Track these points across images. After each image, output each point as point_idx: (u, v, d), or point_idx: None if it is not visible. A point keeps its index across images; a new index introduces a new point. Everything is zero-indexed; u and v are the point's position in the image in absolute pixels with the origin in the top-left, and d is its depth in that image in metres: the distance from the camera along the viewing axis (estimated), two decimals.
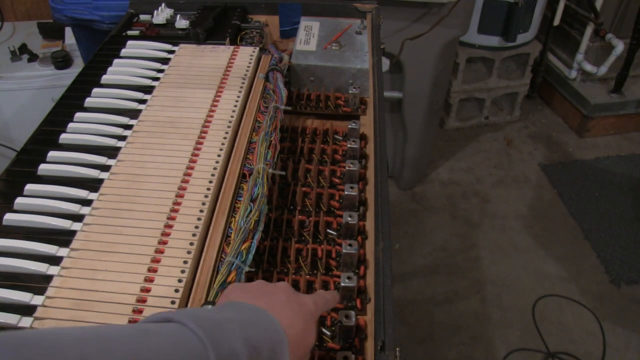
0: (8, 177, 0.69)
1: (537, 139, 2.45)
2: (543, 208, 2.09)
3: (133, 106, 0.79)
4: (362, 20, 1.03)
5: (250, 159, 0.71)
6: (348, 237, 0.65)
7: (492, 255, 1.90)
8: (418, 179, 2.20)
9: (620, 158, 2.33)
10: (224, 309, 0.41)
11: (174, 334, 0.35)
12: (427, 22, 1.59)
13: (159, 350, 0.33)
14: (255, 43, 0.97)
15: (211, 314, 0.39)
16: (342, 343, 0.54)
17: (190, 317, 0.37)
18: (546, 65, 2.47)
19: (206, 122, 0.75)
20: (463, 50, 2.23)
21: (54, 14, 1.35)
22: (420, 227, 2.02)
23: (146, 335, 0.34)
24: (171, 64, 0.88)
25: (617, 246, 1.92)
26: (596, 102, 2.34)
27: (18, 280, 0.55)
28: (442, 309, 1.72)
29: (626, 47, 2.21)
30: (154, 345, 0.33)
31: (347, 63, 0.90)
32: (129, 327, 0.36)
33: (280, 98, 0.81)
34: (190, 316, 0.37)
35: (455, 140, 2.45)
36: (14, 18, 2.03)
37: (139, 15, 1.07)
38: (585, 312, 1.71)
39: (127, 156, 0.70)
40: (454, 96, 2.36)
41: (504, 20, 2.13)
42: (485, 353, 1.59)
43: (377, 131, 0.80)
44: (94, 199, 0.64)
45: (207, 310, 0.40)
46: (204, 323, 0.36)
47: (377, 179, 0.72)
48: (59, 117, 0.77)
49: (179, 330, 0.36)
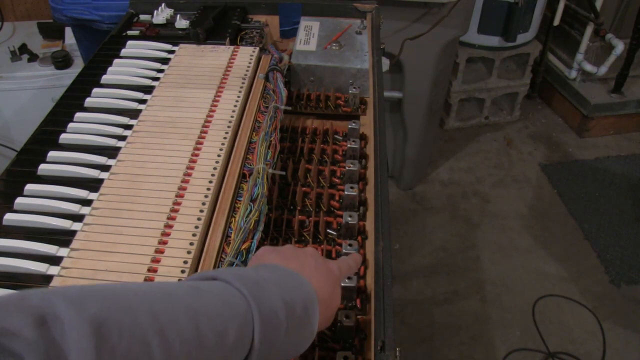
0: (8, 177, 0.69)
1: (537, 139, 2.45)
2: (543, 208, 2.09)
3: (133, 106, 0.79)
4: (362, 20, 1.03)
5: (250, 159, 0.71)
6: (348, 237, 0.65)
7: (492, 255, 1.90)
8: (418, 179, 2.20)
9: (620, 158, 2.33)
10: (260, 269, 0.44)
11: (222, 292, 0.38)
12: (427, 22, 1.59)
13: (212, 306, 0.36)
14: (255, 43, 0.97)
15: (251, 273, 0.42)
16: (342, 343, 0.54)
17: (234, 276, 0.40)
18: (546, 65, 2.47)
19: (206, 122, 0.75)
20: (463, 50, 2.23)
21: (54, 14, 1.35)
22: (420, 227, 2.02)
23: (199, 292, 0.37)
24: (171, 64, 0.88)
25: (617, 246, 1.92)
26: (596, 102, 2.34)
27: (18, 280, 0.55)
28: (442, 309, 1.72)
29: (626, 47, 2.21)
30: (207, 302, 0.36)
31: (347, 63, 0.90)
32: (183, 284, 0.39)
33: (280, 98, 0.81)
34: (234, 275, 0.40)
35: (455, 140, 2.45)
36: (14, 18, 2.03)
37: (139, 15, 1.07)
38: (585, 312, 1.71)
39: (127, 156, 0.70)
40: (454, 96, 2.36)
41: (504, 20, 2.13)
42: (485, 353, 1.59)
43: (377, 131, 0.80)
44: (94, 199, 0.64)
45: (247, 270, 0.43)
46: (246, 282, 0.39)
47: (377, 179, 0.72)
48: (59, 117, 0.77)
49: (225, 288, 0.39)
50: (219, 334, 0.35)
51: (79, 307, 0.29)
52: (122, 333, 0.29)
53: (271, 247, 0.51)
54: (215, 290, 0.38)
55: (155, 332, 0.31)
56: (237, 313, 0.37)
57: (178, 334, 0.32)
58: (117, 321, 0.30)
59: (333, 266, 0.50)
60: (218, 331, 0.35)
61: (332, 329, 0.56)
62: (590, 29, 2.23)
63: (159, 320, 0.32)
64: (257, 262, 0.49)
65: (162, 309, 0.33)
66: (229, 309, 0.37)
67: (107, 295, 0.32)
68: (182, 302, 0.35)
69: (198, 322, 0.34)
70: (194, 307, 0.35)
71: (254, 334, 0.37)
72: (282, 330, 0.39)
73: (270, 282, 0.41)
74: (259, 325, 0.37)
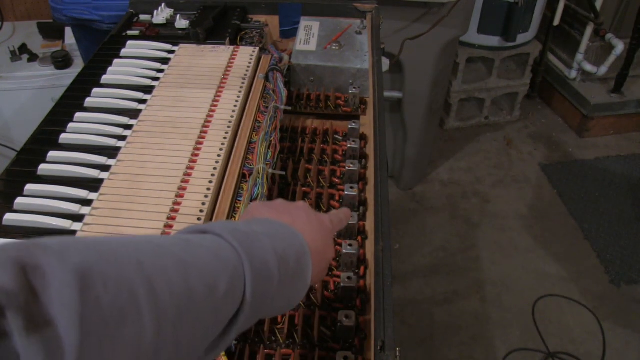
0: (8, 177, 0.69)
1: (537, 139, 2.45)
2: (543, 208, 2.09)
3: (133, 106, 0.79)
4: (362, 20, 1.03)
5: (250, 159, 0.71)
6: (348, 237, 0.65)
7: (492, 255, 1.90)
8: (418, 179, 2.20)
9: (620, 158, 2.33)
10: (252, 223, 0.43)
11: (213, 244, 0.37)
12: (427, 22, 1.59)
13: (201, 258, 0.35)
14: (255, 43, 0.97)
15: (243, 227, 0.41)
16: (342, 343, 0.54)
17: (226, 229, 0.39)
18: (546, 65, 2.47)
19: (206, 122, 0.75)
20: (463, 50, 2.23)
21: (54, 14, 1.35)
22: (420, 227, 2.02)
23: (188, 245, 0.36)
24: (171, 64, 0.88)
25: (617, 246, 1.92)
26: (596, 102, 2.34)
27: None
28: (442, 309, 1.72)
29: (626, 47, 2.21)
30: (196, 254, 0.35)
31: (347, 63, 0.90)
32: (173, 237, 0.38)
33: (280, 98, 0.81)
34: (226, 228, 0.39)
35: (455, 140, 2.45)
36: (14, 18, 2.03)
37: (139, 15, 1.07)
38: (585, 312, 1.71)
39: (127, 156, 0.70)
40: (454, 96, 2.36)
41: (504, 20, 2.13)
42: (485, 353, 1.59)
43: (377, 131, 0.80)
44: (94, 199, 0.64)
45: (238, 224, 0.42)
46: (237, 235, 0.38)
47: (377, 179, 0.72)
48: (59, 117, 0.77)
49: (216, 241, 0.38)
50: (209, 286, 0.34)
51: (60, 256, 0.27)
52: (107, 283, 0.28)
53: (262, 202, 0.51)
54: (206, 243, 0.37)
55: (142, 282, 0.30)
56: (227, 265, 0.36)
57: (166, 284, 0.31)
58: (102, 270, 0.28)
59: (325, 218, 0.50)
60: (208, 283, 0.34)
61: (332, 329, 0.56)
62: (590, 29, 2.23)
63: (146, 270, 0.31)
64: (248, 217, 0.48)
65: (149, 259, 0.32)
66: (220, 261, 0.36)
67: (91, 245, 0.30)
68: (171, 254, 0.34)
69: (187, 274, 0.33)
70: (183, 259, 0.34)
71: (246, 287, 0.36)
72: (274, 283, 0.39)
73: (262, 235, 0.40)
74: (250, 278, 0.37)
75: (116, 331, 0.27)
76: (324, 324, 0.56)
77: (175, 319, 0.31)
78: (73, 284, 0.26)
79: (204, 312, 0.33)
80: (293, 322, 0.57)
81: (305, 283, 0.43)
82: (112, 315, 0.27)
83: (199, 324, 0.33)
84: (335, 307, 0.58)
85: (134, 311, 0.28)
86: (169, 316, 0.30)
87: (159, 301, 0.30)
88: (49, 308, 0.25)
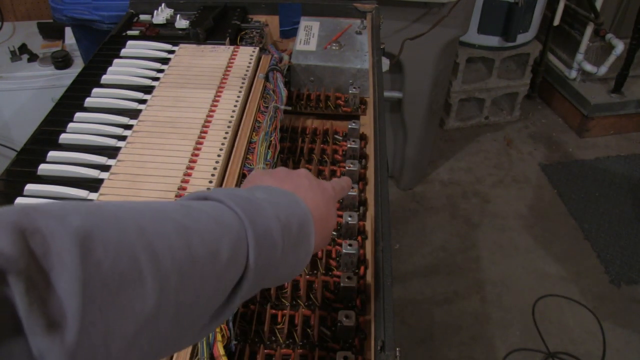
0: (8, 177, 0.69)
1: (537, 139, 2.45)
2: (543, 208, 2.09)
3: (133, 106, 0.79)
4: (362, 20, 1.03)
5: (250, 159, 0.71)
6: (348, 237, 0.65)
7: (492, 255, 1.90)
8: (418, 179, 2.20)
9: (620, 158, 2.33)
10: (254, 190, 0.43)
11: (214, 210, 0.37)
12: (427, 22, 1.59)
13: (203, 224, 0.34)
14: (255, 43, 0.97)
15: (244, 193, 0.40)
16: (342, 343, 0.54)
17: (227, 195, 0.38)
18: (546, 65, 2.47)
19: (206, 122, 0.75)
20: (463, 50, 2.23)
21: (54, 14, 1.35)
22: (420, 227, 2.02)
23: (190, 210, 0.35)
24: (171, 64, 0.88)
25: (617, 246, 1.92)
26: (596, 102, 2.34)
27: None
28: (442, 309, 1.72)
29: (626, 47, 2.21)
30: (198, 219, 0.34)
31: (347, 63, 0.90)
32: (174, 203, 0.37)
33: (280, 98, 0.81)
34: (227, 195, 0.38)
35: (455, 140, 2.45)
36: (14, 18, 2.03)
37: (139, 15, 1.07)
38: (585, 312, 1.71)
39: (127, 156, 0.70)
40: (454, 96, 2.36)
41: (504, 20, 2.14)
42: (485, 353, 1.60)
43: (377, 131, 0.80)
44: (94, 199, 0.64)
45: (240, 190, 0.42)
46: (239, 201, 0.38)
47: (377, 179, 0.72)
48: (59, 117, 0.77)
49: (218, 207, 0.37)
50: (211, 252, 0.33)
51: (60, 220, 0.27)
52: (108, 246, 0.27)
53: (264, 170, 0.50)
54: (207, 208, 0.36)
55: (144, 246, 0.29)
56: (230, 231, 0.35)
57: (168, 250, 0.30)
58: (103, 234, 0.28)
59: (327, 185, 0.49)
60: (210, 249, 0.33)
61: (332, 329, 0.56)
62: (590, 29, 2.23)
63: (147, 234, 0.30)
64: (250, 185, 0.47)
65: (150, 223, 0.31)
66: (222, 227, 0.35)
67: (92, 209, 0.29)
68: (172, 219, 0.33)
69: (189, 239, 0.32)
70: (185, 224, 0.33)
71: (249, 253, 0.36)
72: (277, 250, 0.38)
73: (264, 202, 0.40)
74: (253, 244, 0.36)
75: (117, 296, 0.27)
76: (324, 324, 0.56)
77: (177, 284, 0.30)
78: (73, 248, 0.26)
79: (207, 279, 0.33)
80: (293, 322, 0.57)
81: (309, 250, 0.43)
82: (114, 280, 0.27)
83: (201, 291, 0.33)
84: (335, 307, 0.58)
85: (135, 276, 0.28)
86: (171, 282, 0.30)
87: (160, 266, 0.30)
88: (50, 273, 0.25)
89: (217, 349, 0.50)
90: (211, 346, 0.50)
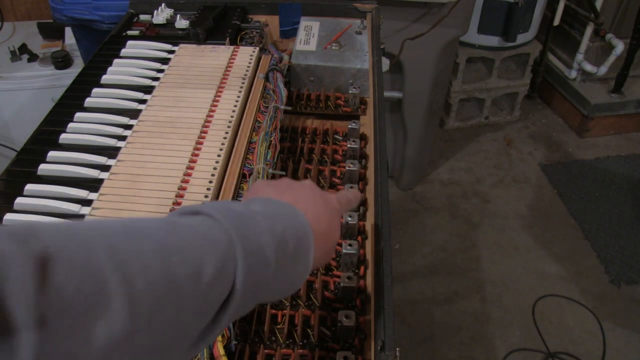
0: (8, 177, 0.69)
1: (537, 139, 2.45)
2: (543, 208, 2.09)
3: (133, 106, 0.79)
4: (362, 20, 1.03)
5: (250, 159, 0.71)
6: (348, 237, 0.65)
7: (492, 255, 1.90)
8: (418, 179, 2.20)
9: (620, 158, 2.33)
10: (251, 202, 0.41)
11: (202, 226, 0.35)
12: (427, 22, 1.59)
13: (186, 241, 0.33)
14: (255, 43, 0.97)
15: (238, 207, 0.39)
16: (342, 343, 0.54)
17: (217, 209, 0.36)
18: (546, 65, 2.47)
19: (206, 122, 0.75)
20: (463, 50, 2.23)
21: (54, 14, 1.35)
22: (420, 227, 2.02)
23: (175, 227, 0.34)
24: (171, 64, 0.88)
25: (617, 246, 1.92)
26: (596, 102, 2.34)
27: None
28: (442, 309, 1.72)
29: (626, 47, 2.21)
30: (180, 236, 0.33)
31: (347, 63, 0.90)
32: (158, 220, 0.35)
33: (280, 98, 0.81)
34: (218, 208, 0.37)
35: (455, 140, 2.45)
36: (14, 18, 2.03)
37: (139, 15, 1.07)
38: (585, 312, 1.71)
39: (127, 156, 0.70)
40: (454, 96, 2.36)
41: (504, 20, 2.14)
42: (485, 353, 1.59)
43: (377, 131, 0.80)
44: (94, 199, 0.64)
45: (234, 204, 0.40)
46: (230, 215, 0.36)
47: (377, 179, 0.72)
48: (59, 117, 0.77)
49: (206, 222, 0.35)
50: (193, 272, 0.31)
51: (23, 242, 0.25)
52: (73, 269, 0.26)
53: (267, 181, 0.48)
54: (194, 224, 0.35)
55: (114, 267, 0.28)
56: (215, 248, 0.33)
57: (142, 269, 0.29)
58: (68, 257, 0.26)
59: (331, 198, 0.47)
60: (192, 268, 0.31)
61: (332, 329, 0.56)
62: (590, 29, 2.23)
63: (119, 254, 0.29)
64: (251, 195, 0.46)
65: (124, 242, 0.30)
66: (207, 244, 0.33)
67: (62, 228, 0.28)
68: (150, 237, 0.31)
69: (167, 257, 0.31)
70: (165, 242, 0.31)
71: (236, 272, 0.34)
72: (270, 267, 0.36)
73: (259, 215, 0.38)
74: (241, 262, 0.34)
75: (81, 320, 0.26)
76: (324, 324, 0.56)
77: (152, 305, 0.29)
78: (32, 272, 0.25)
79: (188, 298, 0.31)
80: (293, 322, 0.57)
81: (307, 266, 0.41)
82: (78, 304, 0.26)
83: (181, 311, 0.31)
84: (335, 307, 0.58)
85: (101, 299, 0.27)
86: (144, 303, 0.29)
87: (132, 288, 0.28)
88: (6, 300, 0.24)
89: (217, 349, 0.50)
90: (211, 346, 0.50)
